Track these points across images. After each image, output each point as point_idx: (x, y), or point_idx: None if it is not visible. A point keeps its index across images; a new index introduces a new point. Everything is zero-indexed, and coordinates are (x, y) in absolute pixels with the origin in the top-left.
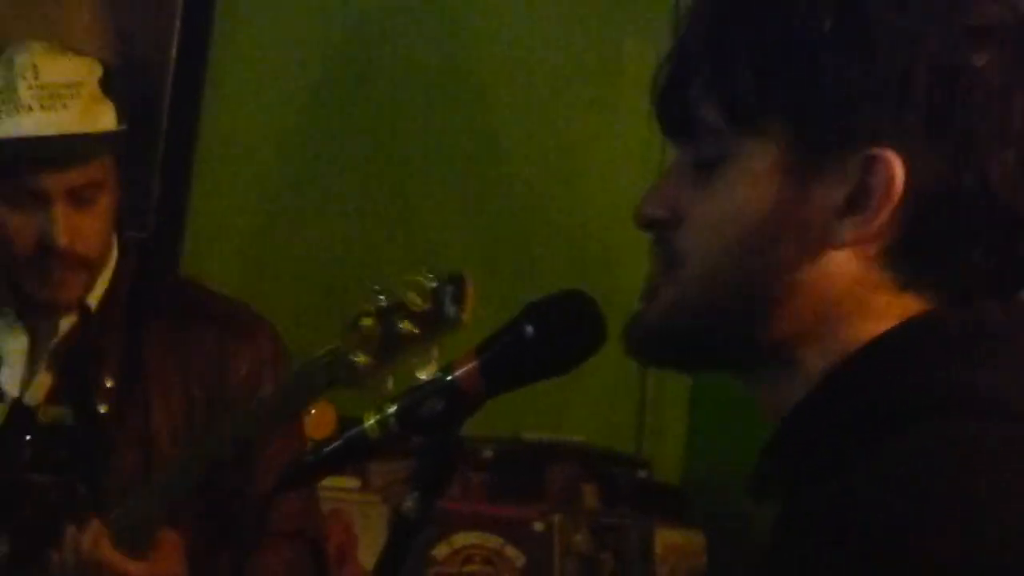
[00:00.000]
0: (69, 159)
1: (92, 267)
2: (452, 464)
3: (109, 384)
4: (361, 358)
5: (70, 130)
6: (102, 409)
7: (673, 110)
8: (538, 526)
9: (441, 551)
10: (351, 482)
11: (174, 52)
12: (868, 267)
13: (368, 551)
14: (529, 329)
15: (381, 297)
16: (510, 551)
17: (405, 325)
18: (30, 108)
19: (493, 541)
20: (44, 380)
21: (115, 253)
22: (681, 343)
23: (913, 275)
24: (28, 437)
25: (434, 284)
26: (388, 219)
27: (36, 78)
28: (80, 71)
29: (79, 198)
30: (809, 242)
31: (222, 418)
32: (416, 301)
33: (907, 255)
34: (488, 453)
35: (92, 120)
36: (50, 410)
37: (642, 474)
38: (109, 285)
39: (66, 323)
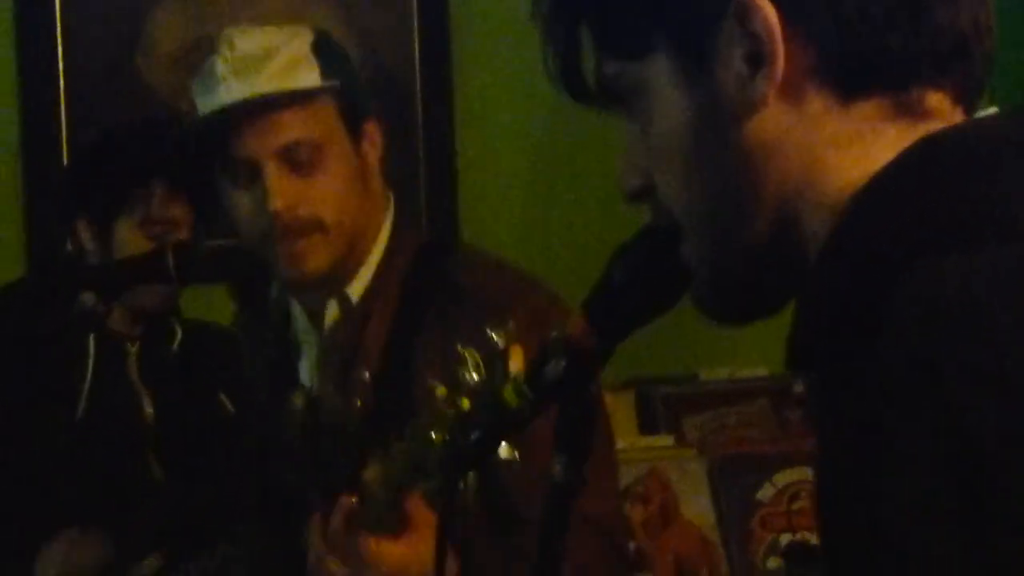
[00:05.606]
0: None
1: (332, 233)
2: (591, 422)
3: (366, 377)
4: (437, 437)
5: (260, 90)
6: (358, 403)
7: (585, 84)
8: None
9: (766, 492)
10: (664, 439)
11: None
12: (814, 108)
13: (690, 506)
14: (615, 275)
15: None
16: None
17: (464, 403)
18: (224, 79)
19: None
20: (326, 369)
21: (386, 232)
22: (735, 294)
23: (854, 92)
24: (314, 429)
25: (479, 357)
26: None
27: (232, 51)
28: (277, 38)
29: (293, 160)
30: (742, 122)
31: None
32: (472, 377)
33: (836, 76)
34: (799, 388)
35: (287, 79)
36: (329, 402)
37: None
38: (378, 267)
39: (332, 309)
